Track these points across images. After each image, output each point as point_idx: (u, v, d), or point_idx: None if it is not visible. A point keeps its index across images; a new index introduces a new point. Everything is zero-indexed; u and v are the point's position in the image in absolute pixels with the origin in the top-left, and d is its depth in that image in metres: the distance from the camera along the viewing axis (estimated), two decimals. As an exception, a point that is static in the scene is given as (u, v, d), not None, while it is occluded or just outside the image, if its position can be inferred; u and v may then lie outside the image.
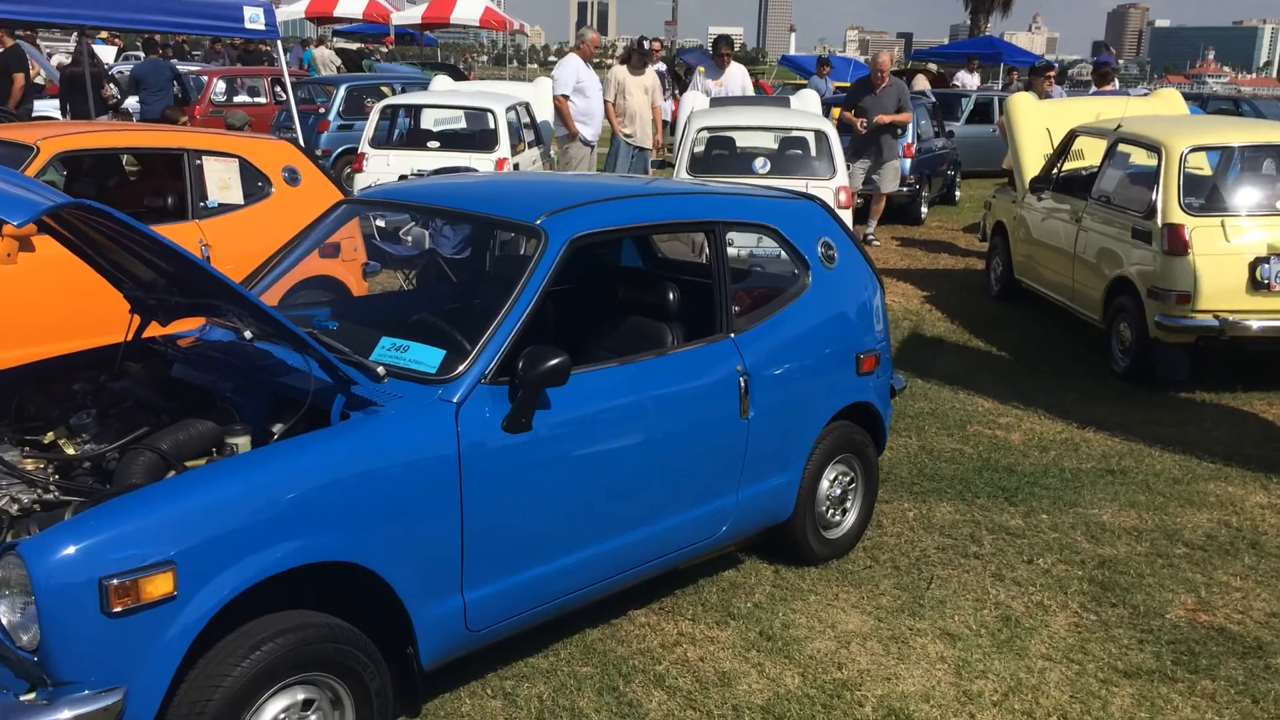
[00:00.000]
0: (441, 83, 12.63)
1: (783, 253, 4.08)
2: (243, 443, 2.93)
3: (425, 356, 3.13)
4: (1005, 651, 3.81)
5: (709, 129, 9.10)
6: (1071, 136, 8.22)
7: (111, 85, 10.86)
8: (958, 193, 15.32)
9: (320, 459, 2.77)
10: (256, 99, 17.26)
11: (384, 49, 35.59)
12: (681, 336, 3.79)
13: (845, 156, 9.22)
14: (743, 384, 3.75)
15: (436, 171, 8.60)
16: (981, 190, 16.52)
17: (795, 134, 9.44)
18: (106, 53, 21.19)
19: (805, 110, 10.52)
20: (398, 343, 3.21)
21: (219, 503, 2.58)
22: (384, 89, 15.52)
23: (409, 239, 3.48)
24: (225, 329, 3.50)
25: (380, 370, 3.02)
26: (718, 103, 11.56)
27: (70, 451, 2.99)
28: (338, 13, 27.68)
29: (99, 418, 3.08)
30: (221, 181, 6.10)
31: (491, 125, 10.45)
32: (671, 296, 3.84)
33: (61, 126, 6.01)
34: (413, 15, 28.63)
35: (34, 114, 12.56)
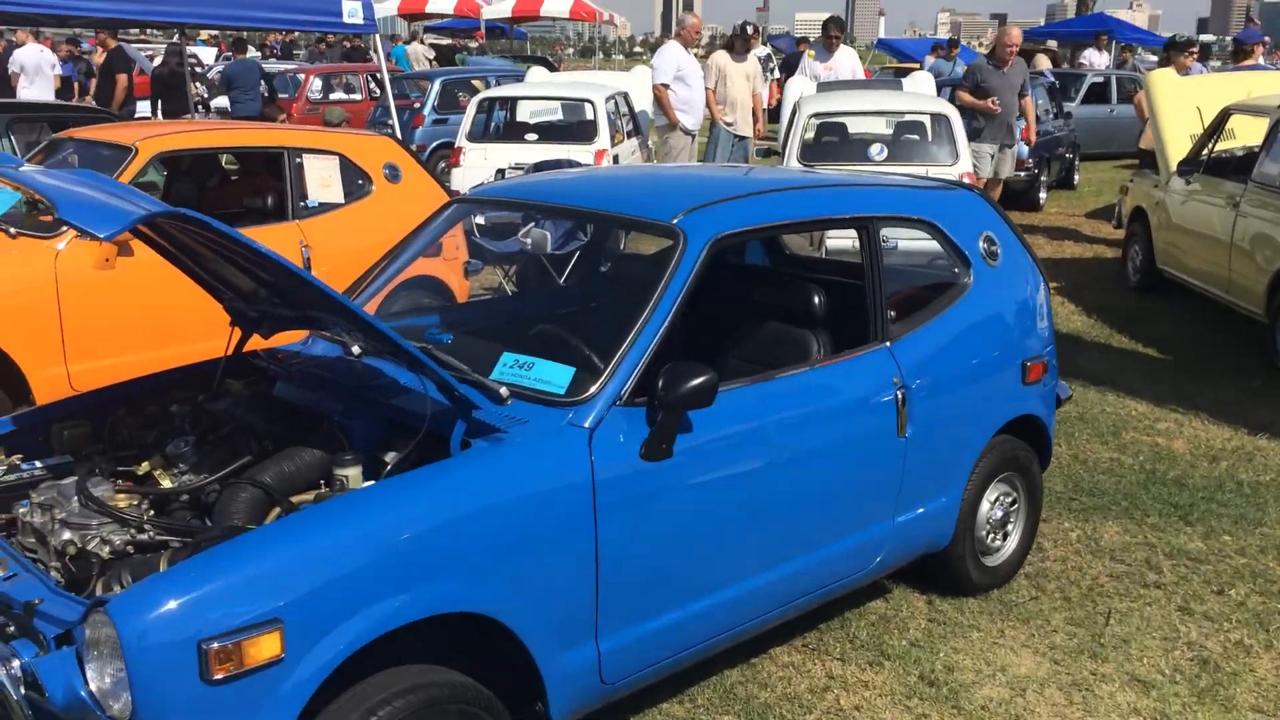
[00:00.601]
0: (537, 74, 12.35)
1: (940, 248, 3.62)
2: (353, 474, 2.61)
3: (553, 375, 2.78)
4: (1208, 702, 3.32)
5: (821, 114, 8.62)
6: (1225, 115, 7.53)
7: (198, 84, 10.80)
8: (1077, 176, 14.50)
9: (441, 496, 2.44)
10: (352, 95, 17.24)
11: (473, 44, 35.69)
12: (828, 345, 3.38)
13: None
14: (900, 398, 3.32)
15: (538, 165, 8.28)
16: (1100, 174, 15.66)
17: (912, 118, 8.90)
18: (207, 54, 21.49)
19: (920, 93, 9.96)
20: (520, 359, 2.86)
21: (329, 549, 2.26)
22: (475, 82, 15.34)
23: (528, 240, 3.12)
24: (331, 343, 3.20)
25: (503, 392, 2.67)
26: (825, 87, 11.06)
27: (166, 484, 2.70)
28: (429, 9, 27.76)
29: (197, 444, 2.80)
30: (322, 180, 5.86)
31: (590, 116, 10.12)
32: (816, 300, 3.42)
33: (160, 126, 5.84)
34: (503, 9, 28.60)
35: (136, 115, 12.66)
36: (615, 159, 9.96)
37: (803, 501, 3.13)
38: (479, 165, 9.74)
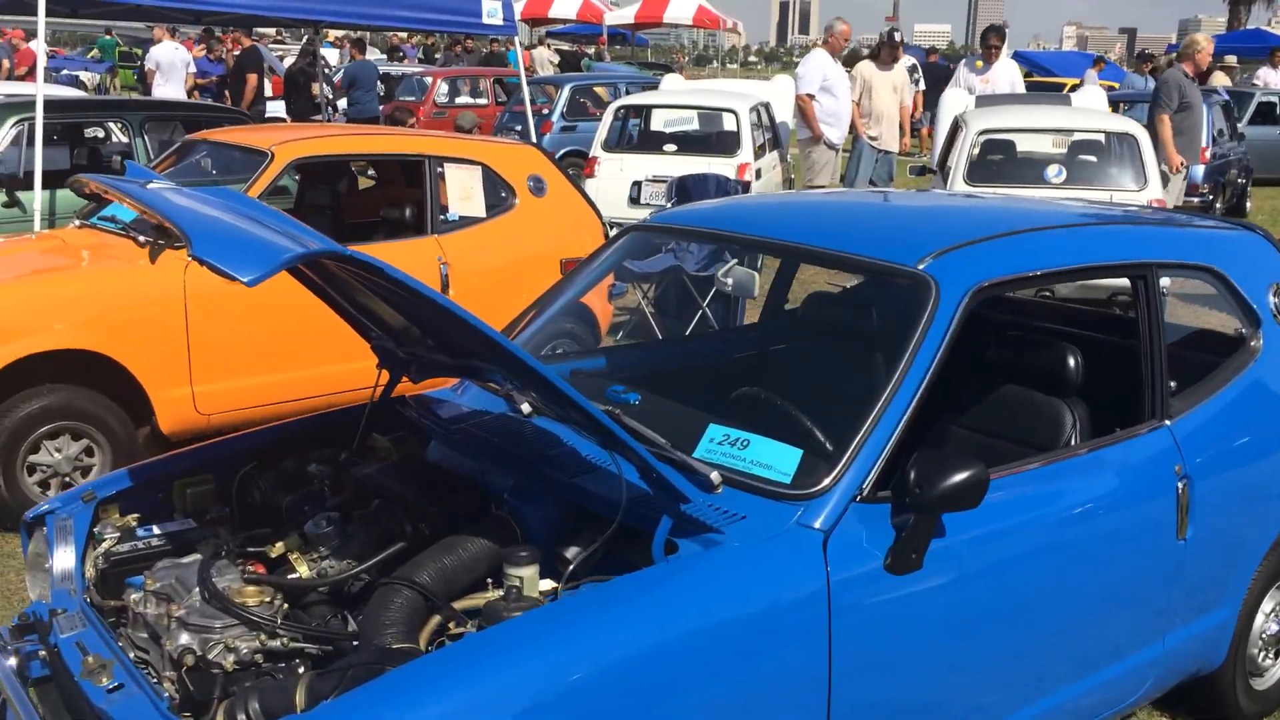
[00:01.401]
0: (673, 82, 11.86)
1: (1228, 299, 2.95)
2: (528, 575, 2.10)
3: (775, 459, 2.22)
4: None
5: (991, 131, 7.90)
6: None
7: (322, 85, 10.58)
8: (1249, 203, 13.39)
9: (645, 620, 1.91)
10: (478, 100, 17.02)
11: (589, 50, 35.56)
12: (1085, 420, 2.75)
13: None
14: (1182, 492, 2.68)
15: (681, 181, 7.76)
16: (1272, 201, 14.47)
17: (1092, 137, 8.12)
18: (334, 55, 21.58)
19: (1095, 109, 9.14)
20: (730, 434, 2.32)
21: (507, 691, 1.75)
22: (598, 90, 14.93)
23: (728, 281, 2.56)
24: (492, 393, 2.71)
25: (714, 478, 2.13)
26: (984, 101, 10.30)
27: (304, 571, 2.23)
28: (552, 14, 27.64)
29: (340, 523, 2.32)
30: (463, 192, 5.43)
31: (733, 127, 9.56)
32: (1072, 362, 2.79)
33: (297, 130, 5.49)
34: (625, 15, 28.33)
35: (266, 115, 12.57)
36: (758, 173, 9.38)
37: (1067, 620, 2.52)
38: (614, 176, 9.27)
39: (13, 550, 4.14)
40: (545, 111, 14.10)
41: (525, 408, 2.54)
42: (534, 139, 8.62)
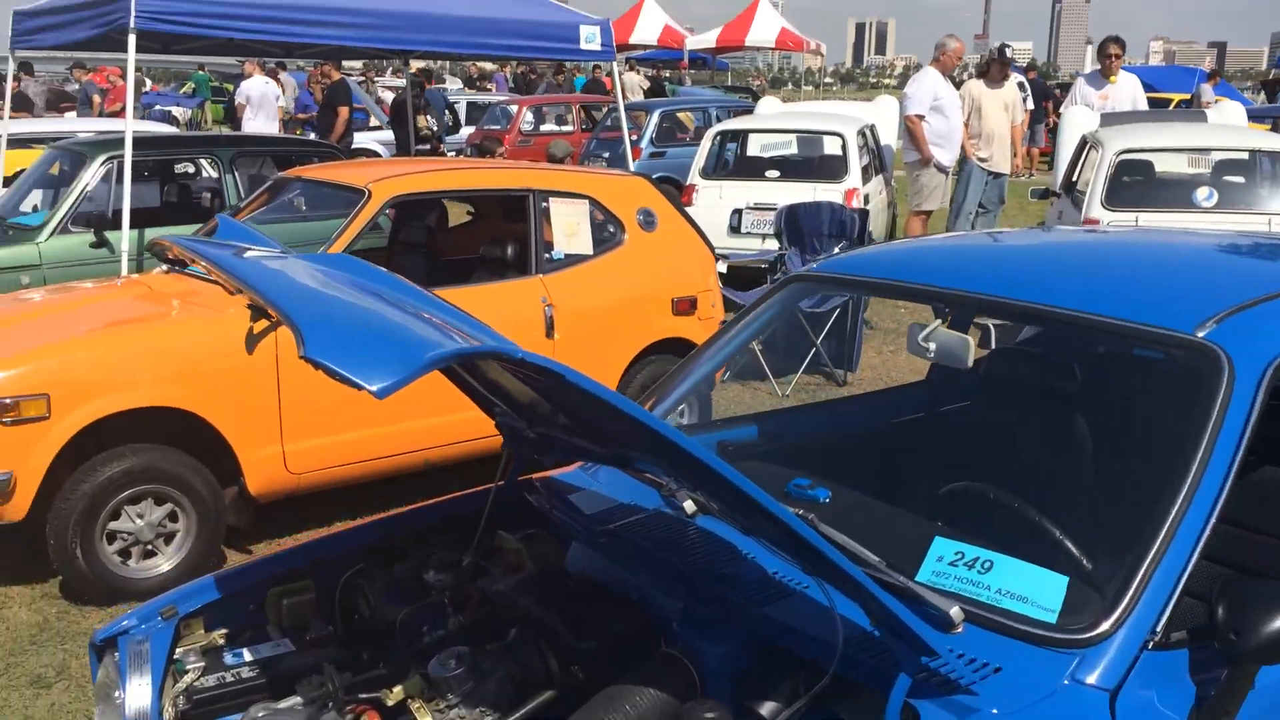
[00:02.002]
0: (770, 105, 11.39)
1: None
2: (716, 739, 1.62)
3: (1032, 588, 1.71)
4: None
5: (1130, 151, 7.26)
6: None
7: (428, 117, 10.31)
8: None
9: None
10: (563, 128, 16.75)
11: (665, 73, 35.31)
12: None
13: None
14: None
15: (791, 209, 7.27)
16: None
17: (1237, 156, 7.43)
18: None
19: (1236, 126, 8.44)
20: (964, 550, 1.81)
21: None
22: (681, 115, 14.52)
23: (930, 346, 2.05)
24: (645, 482, 2.24)
25: (955, 614, 1.62)
26: (1109, 119, 9.62)
27: (429, 724, 1.78)
28: (633, 39, 27.41)
29: (470, 659, 1.86)
30: (569, 228, 5.01)
31: (838, 150, 9.05)
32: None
33: (392, 166, 5.14)
34: (707, 39, 28.07)
35: (354, 146, 12.39)
36: (866, 199, 8.85)
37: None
38: (713, 204, 8.82)
39: (82, 632, 3.78)
40: (634, 138, 13.74)
41: (689, 506, 2.07)
42: (629, 164, 8.21)
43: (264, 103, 12.88)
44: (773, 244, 8.36)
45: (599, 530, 2.14)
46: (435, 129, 10.98)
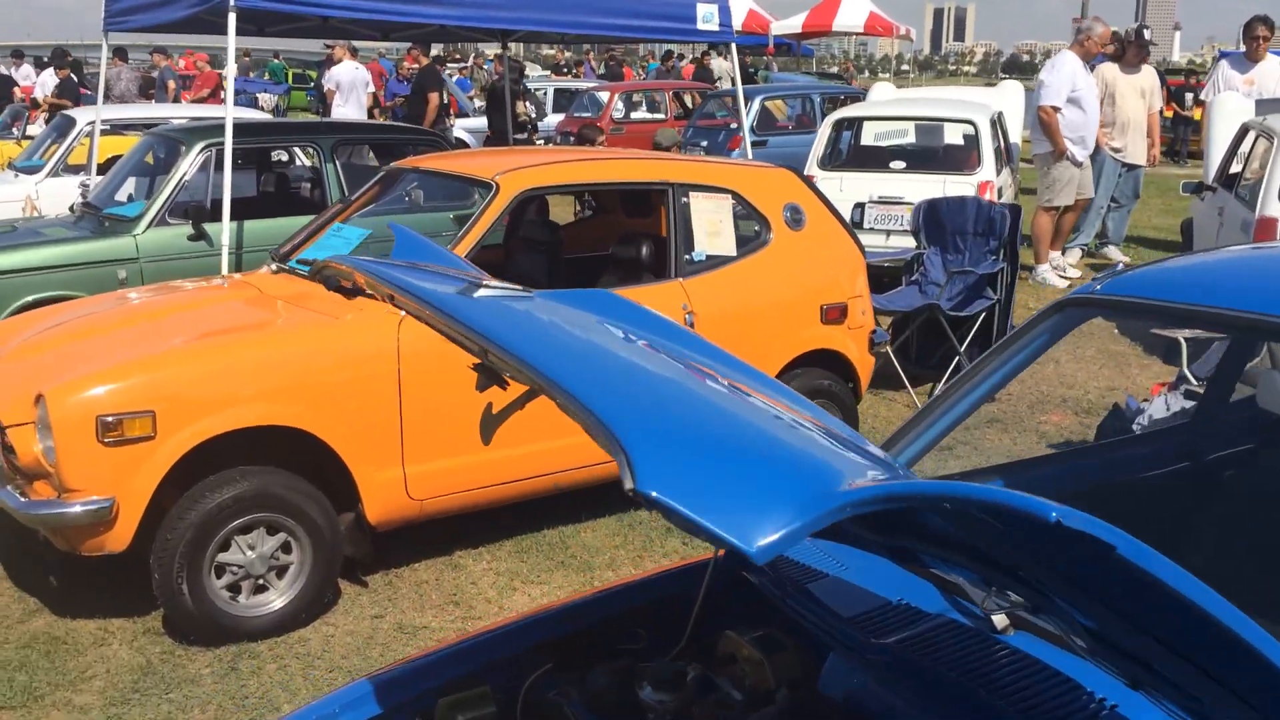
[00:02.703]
0: (883, 91, 10.74)
1: None
2: None
3: None
4: None
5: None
6: None
7: (527, 103, 9.88)
8: None
9: None
10: (655, 114, 16.26)
11: (749, 60, 34.59)
12: None
13: None
14: None
15: (931, 205, 6.68)
16: None
17: None
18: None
19: None
20: None
21: None
22: (770, 105, 13.92)
23: (1271, 391, 1.52)
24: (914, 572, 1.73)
25: None
26: (1264, 106, 8.83)
27: None
28: (718, 24, 26.71)
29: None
30: (712, 226, 4.51)
31: (965, 140, 8.42)
32: None
33: (516, 155, 4.68)
34: (793, 24, 27.31)
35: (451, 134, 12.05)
36: (1000, 193, 8.20)
37: None
38: (833, 198, 8.19)
39: (188, 679, 3.39)
40: (734, 125, 13.19)
41: (999, 620, 1.56)
42: (748, 153, 7.68)
43: (353, 89, 12.57)
44: (899, 240, 7.77)
45: (869, 644, 1.64)
46: (534, 116, 10.54)
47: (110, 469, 3.31)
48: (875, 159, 8.78)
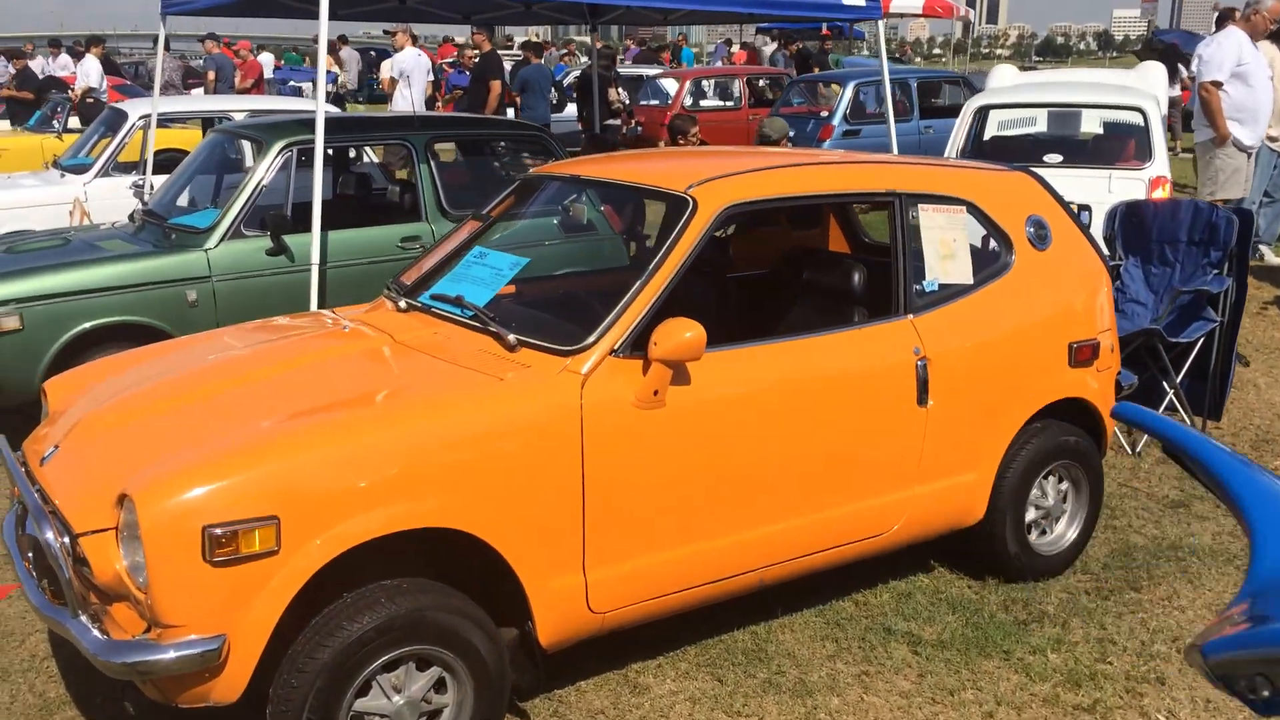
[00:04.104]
0: (1004, 74, 9.68)
1: None
2: None
3: None
4: None
5: None
6: None
7: (619, 90, 8.95)
8: None
9: None
10: (725, 103, 15.27)
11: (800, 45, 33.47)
12: None
13: None
14: None
15: (1131, 207, 5.70)
16: None
17: None
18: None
19: None
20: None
21: None
22: (831, 87, 12.90)
23: None
24: None
25: None
26: None
27: None
28: (771, 7, 25.64)
29: None
30: (944, 247, 3.57)
31: (1133, 130, 7.40)
32: None
33: (698, 160, 3.73)
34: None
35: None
36: (1168, 191, 7.18)
37: None
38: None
39: None
40: (825, 114, 12.21)
41: None
42: (894, 149, 6.69)
43: (416, 77, 11.69)
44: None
45: None
46: (627, 103, 9.63)
47: (221, 596, 2.43)
48: (1021, 151, 7.77)
